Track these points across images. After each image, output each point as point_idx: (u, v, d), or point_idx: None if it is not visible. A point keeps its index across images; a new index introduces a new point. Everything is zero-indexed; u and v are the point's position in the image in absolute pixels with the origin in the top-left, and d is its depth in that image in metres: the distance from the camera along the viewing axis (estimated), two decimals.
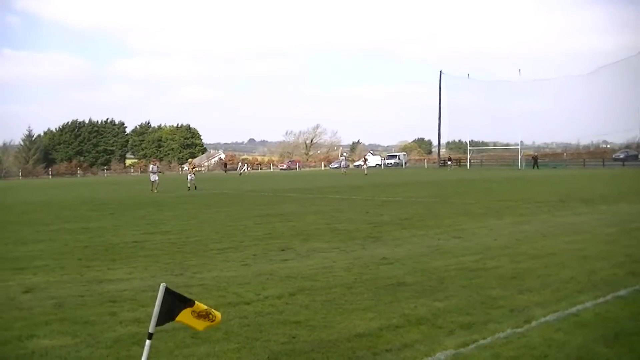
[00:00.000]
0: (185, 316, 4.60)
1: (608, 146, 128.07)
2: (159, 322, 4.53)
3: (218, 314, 4.74)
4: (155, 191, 41.58)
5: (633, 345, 6.56)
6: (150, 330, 4.58)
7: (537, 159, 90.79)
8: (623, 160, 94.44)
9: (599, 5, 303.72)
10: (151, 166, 46.52)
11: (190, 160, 59.67)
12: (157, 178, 43.70)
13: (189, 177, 46.17)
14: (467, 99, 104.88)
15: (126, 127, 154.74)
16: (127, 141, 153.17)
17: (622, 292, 8.90)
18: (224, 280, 10.49)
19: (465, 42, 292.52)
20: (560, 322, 7.47)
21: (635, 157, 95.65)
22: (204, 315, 4.64)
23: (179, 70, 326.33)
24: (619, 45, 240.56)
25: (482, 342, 6.76)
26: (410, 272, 10.80)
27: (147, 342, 4.59)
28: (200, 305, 4.64)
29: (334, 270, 11.18)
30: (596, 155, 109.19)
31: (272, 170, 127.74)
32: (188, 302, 4.61)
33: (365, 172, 74.59)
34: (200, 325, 4.66)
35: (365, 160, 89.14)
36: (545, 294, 8.90)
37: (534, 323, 7.43)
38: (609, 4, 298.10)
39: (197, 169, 50.18)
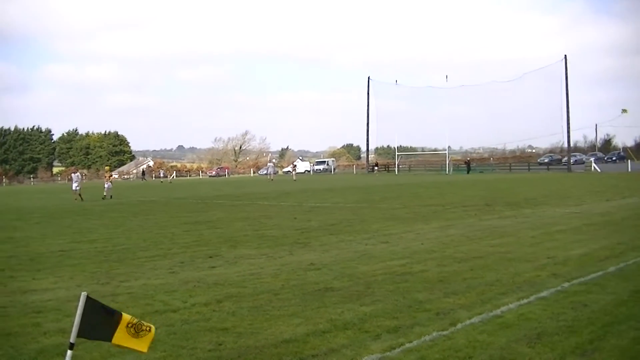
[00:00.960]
0: (121, 336, 4.48)
1: (533, 151, 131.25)
2: (83, 333, 4.39)
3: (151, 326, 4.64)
4: (76, 200, 39.71)
5: (554, 344, 6.67)
6: (71, 340, 4.44)
7: (470, 164, 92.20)
8: (547, 164, 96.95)
9: (525, 13, 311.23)
10: (72, 174, 44.64)
11: (107, 167, 55.79)
12: (78, 186, 41.85)
13: (105, 185, 44.18)
14: (395, 104, 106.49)
15: (53, 134, 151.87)
16: (54, 149, 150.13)
17: (544, 293, 9.07)
18: (151, 289, 10.32)
19: (393, 48, 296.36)
20: (485, 323, 7.55)
21: (559, 162, 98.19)
22: (135, 326, 4.52)
23: (108, 77, 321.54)
24: (544, 53, 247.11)
25: (408, 345, 6.78)
26: (337, 277, 10.79)
27: (69, 352, 4.46)
28: (126, 317, 4.51)
29: (261, 277, 11.09)
30: (522, 160, 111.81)
31: (200, 177, 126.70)
32: (112, 313, 4.48)
33: (294, 178, 74.45)
34: (141, 344, 4.54)
35: (294, 166, 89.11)
36: (471, 297, 8.99)
37: (459, 325, 7.49)
38: (534, 13, 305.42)
39: (114, 177, 47.49)
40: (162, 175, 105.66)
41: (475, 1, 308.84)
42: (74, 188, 41.90)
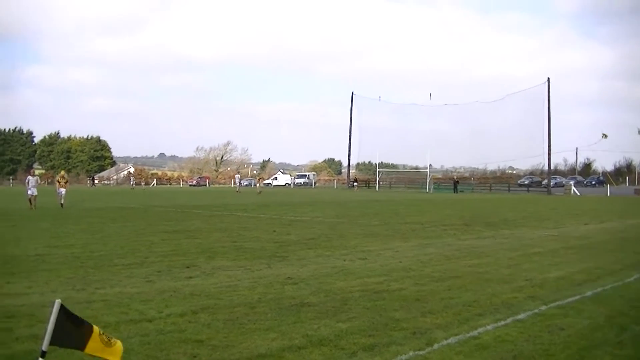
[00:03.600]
0: (95, 346, 4.40)
1: (514, 172, 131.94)
2: (55, 341, 4.31)
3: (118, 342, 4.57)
4: (32, 208, 35.44)
5: None
6: (43, 348, 4.34)
7: (457, 183, 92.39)
8: (528, 185, 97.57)
9: (509, 35, 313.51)
10: (29, 177, 39.01)
11: (61, 172, 46.52)
12: (35, 192, 36.87)
13: (58, 191, 38.55)
14: (378, 120, 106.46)
15: (34, 136, 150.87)
16: (35, 151, 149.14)
17: (521, 316, 9.06)
18: (126, 297, 10.21)
19: (378, 64, 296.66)
20: (461, 344, 7.51)
21: (539, 183, 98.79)
22: (107, 335, 4.46)
23: (91, 81, 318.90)
24: (527, 74, 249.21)
25: None
26: (314, 293, 10.72)
27: None
28: (96, 329, 4.44)
29: (237, 289, 11.01)
30: (502, 180, 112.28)
31: (181, 185, 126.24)
32: (82, 323, 4.40)
33: (258, 190, 73.74)
34: (114, 354, 4.47)
35: (260, 179, 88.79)
36: (447, 317, 8.96)
37: (435, 345, 7.44)
38: (518, 34, 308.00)
39: (68, 183, 41.71)
40: (132, 182, 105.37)
41: (461, 21, 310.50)
42: (29, 193, 36.90)
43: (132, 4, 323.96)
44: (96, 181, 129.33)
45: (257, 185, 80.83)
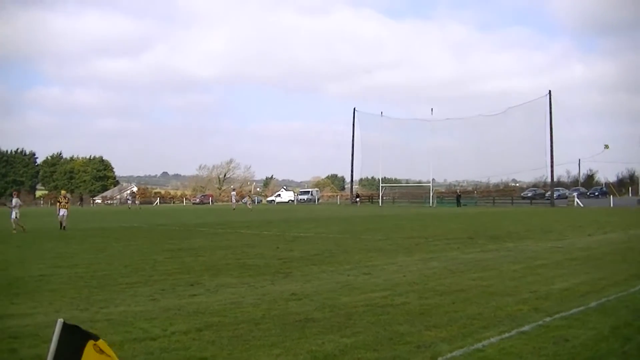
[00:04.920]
0: (89, 357, 4.38)
1: (517, 184, 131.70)
2: None
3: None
4: (15, 231, 33.40)
5: None
6: None
7: (460, 197, 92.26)
8: (531, 198, 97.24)
9: (513, 49, 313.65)
10: (13, 200, 36.17)
11: (62, 192, 45.38)
12: (17, 215, 34.57)
13: (61, 213, 36.19)
14: (380, 136, 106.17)
15: (37, 157, 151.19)
16: (38, 172, 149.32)
17: (525, 328, 9.05)
18: (130, 315, 10.23)
19: (380, 80, 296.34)
20: (466, 357, 7.52)
21: (542, 196, 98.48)
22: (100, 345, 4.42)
23: (94, 101, 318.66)
24: (529, 88, 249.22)
25: None
26: (318, 308, 10.73)
27: None
28: (103, 343, 4.42)
29: (242, 306, 11.02)
30: (505, 193, 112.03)
31: (184, 204, 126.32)
32: (91, 336, 4.39)
33: (249, 207, 73.52)
34: None
35: (250, 197, 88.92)
36: (452, 330, 8.95)
37: (440, 359, 7.45)
38: (520, 49, 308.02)
39: (69, 203, 38.94)
40: (129, 200, 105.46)
41: (463, 37, 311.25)
42: (13, 217, 34.57)
43: (137, 24, 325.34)
44: (98, 201, 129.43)
45: (248, 202, 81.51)
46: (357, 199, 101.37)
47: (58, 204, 38.35)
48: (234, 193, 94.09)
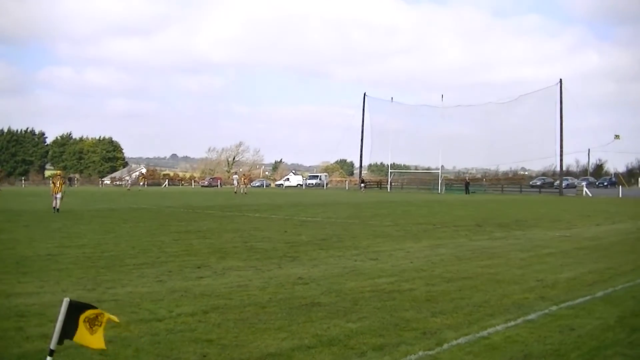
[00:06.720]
0: (80, 334, 4.40)
1: (526, 173, 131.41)
2: (63, 339, 4.34)
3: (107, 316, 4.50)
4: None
5: None
6: (51, 347, 4.40)
7: (469, 184, 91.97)
8: (539, 187, 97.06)
9: (524, 37, 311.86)
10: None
11: (57, 172, 42.34)
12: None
13: (57, 196, 33.43)
14: (390, 122, 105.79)
15: (46, 137, 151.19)
16: (47, 152, 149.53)
17: (532, 316, 9.05)
18: (137, 296, 10.27)
19: (392, 65, 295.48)
20: (472, 344, 7.52)
21: (551, 185, 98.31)
22: (90, 321, 4.41)
23: (106, 82, 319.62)
24: (542, 77, 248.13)
25: None
26: (325, 293, 10.75)
27: (48, 358, 4.41)
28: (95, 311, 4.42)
29: (248, 289, 11.04)
30: (514, 181, 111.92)
31: (193, 186, 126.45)
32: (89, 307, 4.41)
33: (243, 191, 71.23)
34: (96, 341, 4.44)
35: (245, 178, 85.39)
36: (458, 317, 8.96)
37: (445, 345, 7.45)
38: (534, 37, 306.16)
39: (64, 184, 38.08)
40: (129, 181, 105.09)
41: (477, 23, 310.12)
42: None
43: (152, 4, 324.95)
44: (107, 182, 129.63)
45: (242, 185, 76.30)
46: (363, 185, 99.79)
47: (53, 185, 35.25)
48: (236, 176, 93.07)
